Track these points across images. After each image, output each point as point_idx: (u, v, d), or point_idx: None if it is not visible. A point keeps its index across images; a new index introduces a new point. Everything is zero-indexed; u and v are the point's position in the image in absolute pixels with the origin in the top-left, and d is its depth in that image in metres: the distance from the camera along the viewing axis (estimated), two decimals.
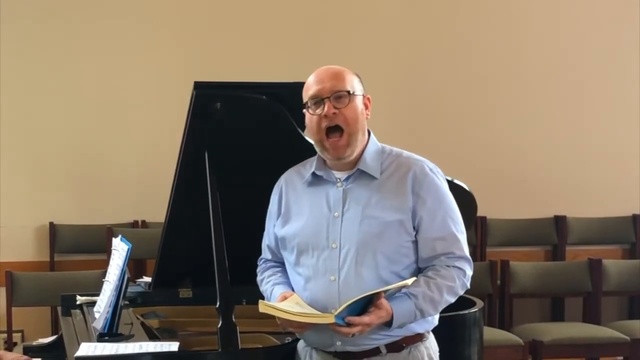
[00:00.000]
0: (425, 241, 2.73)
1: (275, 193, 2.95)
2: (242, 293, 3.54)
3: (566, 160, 6.74)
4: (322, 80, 2.75)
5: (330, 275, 2.72)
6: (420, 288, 2.66)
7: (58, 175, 6.19)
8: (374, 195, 2.74)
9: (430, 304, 2.68)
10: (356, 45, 6.44)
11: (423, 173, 2.76)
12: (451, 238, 2.75)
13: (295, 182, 2.90)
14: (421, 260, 2.74)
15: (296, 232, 2.82)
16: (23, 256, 6.09)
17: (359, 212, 2.73)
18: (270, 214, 2.96)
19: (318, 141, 2.77)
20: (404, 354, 2.74)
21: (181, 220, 3.53)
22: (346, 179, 2.79)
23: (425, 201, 2.73)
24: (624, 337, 5.30)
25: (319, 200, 2.80)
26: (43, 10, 6.16)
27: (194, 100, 3.26)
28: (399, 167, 2.78)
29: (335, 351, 2.74)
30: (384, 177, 2.77)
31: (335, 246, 2.73)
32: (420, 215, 2.72)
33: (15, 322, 5.21)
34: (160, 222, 4.10)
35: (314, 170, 2.83)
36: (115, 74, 6.22)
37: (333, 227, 2.75)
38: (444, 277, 2.70)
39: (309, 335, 2.78)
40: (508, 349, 5.16)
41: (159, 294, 3.74)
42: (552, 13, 6.76)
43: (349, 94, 2.73)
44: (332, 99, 2.72)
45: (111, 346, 2.90)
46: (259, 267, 3.04)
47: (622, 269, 5.80)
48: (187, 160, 3.39)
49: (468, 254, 2.79)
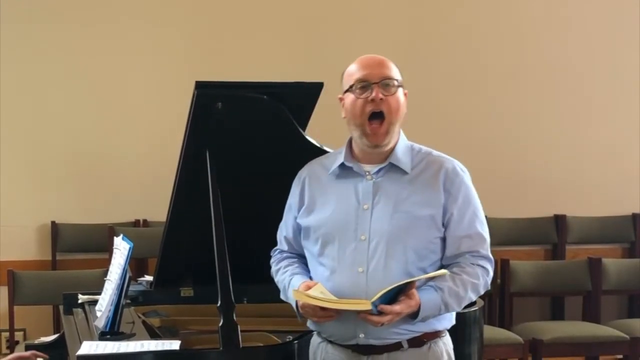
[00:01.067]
0: (453, 238, 2.75)
1: (297, 185, 2.93)
2: (243, 292, 3.55)
3: (566, 160, 6.74)
4: (371, 66, 2.76)
5: (358, 267, 2.71)
6: (447, 282, 2.68)
7: (60, 174, 6.20)
8: (405, 190, 2.75)
9: (455, 299, 2.69)
10: (357, 45, 6.43)
11: (454, 172, 2.79)
12: (477, 237, 2.77)
13: (319, 174, 2.89)
14: (446, 257, 2.76)
15: (322, 222, 2.81)
16: (25, 255, 6.11)
17: (390, 205, 2.73)
18: (290, 206, 2.95)
19: (359, 125, 2.76)
20: (424, 349, 2.75)
21: (182, 219, 3.53)
22: (376, 172, 2.79)
23: (456, 199, 2.75)
24: (623, 336, 5.30)
25: (346, 192, 2.80)
26: (44, 10, 6.17)
27: (195, 99, 3.25)
28: (430, 164, 2.80)
29: (357, 344, 2.73)
30: (415, 173, 2.78)
31: (364, 238, 2.73)
32: (451, 212, 2.74)
33: (17, 321, 5.23)
34: (161, 221, 4.12)
35: (343, 161, 2.82)
36: (116, 73, 6.23)
37: (362, 219, 2.75)
38: (469, 274, 2.72)
39: (329, 327, 2.76)
40: (508, 347, 5.17)
41: (160, 293, 3.74)
42: (552, 13, 6.76)
43: (396, 84, 2.75)
44: (380, 85, 2.73)
45: (113, 345, 2.90)
46: (273, 257, 3.02)
47: (622, 268, 5.81)
48: (189, 160, 3.39)
49: (490, 254, 2.81)
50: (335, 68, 6.33)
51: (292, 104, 3.40)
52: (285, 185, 3.30)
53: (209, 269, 3.09)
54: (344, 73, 2.84)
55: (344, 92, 2.81)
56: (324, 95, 3.50)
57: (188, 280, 3.75)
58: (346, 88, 2.79)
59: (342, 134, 3.10)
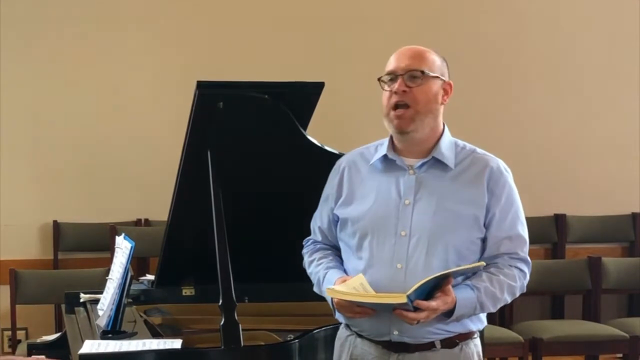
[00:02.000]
0: (494, 239, 2.70)
1: (335, 175, 2.87)
2: (244, 291, 3.54)
3: (566, 159, 6.75)
4: (400, 58, 2.74)
5: (397, 263, 2.66)
6: (484, 282, 2.63)
7: (62, 174, 6.20)
8: (448, 187, 2.70)
9: (491, 300, 2.65)
10: (359, 45, 6.45)
11: (499, 171, 2.74)
12: (517, 239, 2.73)
13: (359, 165, 2.83)
14: (484, 258, 2.70)
15: (361, 215, 2.75)
16: (27, 254, 6.11)
17: (433, 202, 2.68)
18: (327, 197, 2.88)
19: (386, 115, 2.73)
20: (456, 350, 2.70)
21: (184, 218, 3.53)
22: (419, 167, 2.73)
23: (499, 199, 2.70)
24: (623, 335, 5.30)
25: (387, 186, 2.74)
26: (46, 9, 6.17)
27: (197, 99, 3.25)
28: (475, 162, 2.75)
29: (390, 340, 2.68)
30: (459, 170, 2.73)
31: (405, 234, 2.67)
32: (493, 212, 2.69)
33: (19, 320, 5.22)
34: (163, 221, 4.13)
35: (385, 154, 2.76)
36: (118, 72, 6.24)
37: (403, 214, 2.69)
38: (506, 276, 2.68)
39: (362, 321, 2.71)
40: (508, 346, 5.17)
41: (162, 292, 3.74)
42: (552, 12, 6.77)
43: (422, 74, 2.70)
44: (406, 77, 2.70)
45: (114, 343, 2.91)
46: (306, 248, 2.97)
47: (622, 267, 5.80)
48: (190, 159, 3.39)
49: (529, 257, 2.77)
50: (336, 68, 6.38)
51: (294, 103, 3.40)
52: (286, 184, 3.33)
53: (211, 268, 3.09)
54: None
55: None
56: (325, 95, 3.51)
57: (189, 279, 3.74)
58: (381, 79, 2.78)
59: (343, 133, 3.12)
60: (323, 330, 3.13)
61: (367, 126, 4.07)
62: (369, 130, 3.57)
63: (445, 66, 2.80)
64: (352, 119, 6.19)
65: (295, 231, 3.03)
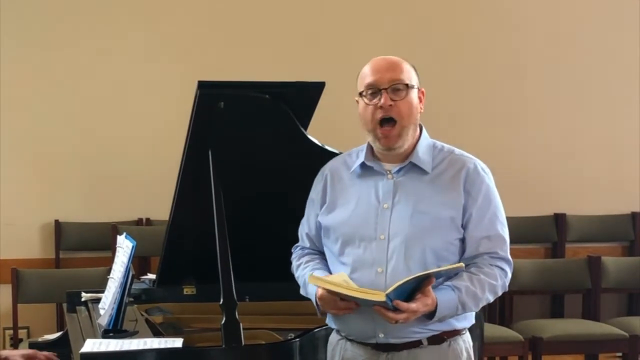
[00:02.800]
0: (472, 239, 2.71)
1: (319, 182, 2.91)
2: (245, 290, 3.53)
3: (566, 159, 6.74)
4: (380, 70, 2.73)
5: (378, 267, 2.68)
6: (464, 282, 2.65)
7: (63, 173, 6.21)
8: (425, 190, 2.72)
9: (473, 299, 2.66)
10: (359, 45, 6.44)
11: (476, 172, 2.76)
12: (496, 238, 2.74)
13: (341, 172, 2.86)
14: (464, 258, 2.72)
15: (342, 221, 2.78)
16: (29, 253, 6.11)
17: (410, 205, 2.70)
18: (313, 203, 2.92)
19: (371, 130, 2.74)
20: (444, 346, 2.72)
21: (185, 218, 3.54)
22: (397, 172, 2.76)
23: (475, 200, 2.72)
24: (622, 334, 5.31)
25: (367, 191, 2.77)
26: (48, 8, 6.17)
27: (198, 99, 3.26)
28: (452, 163, 2.77)
29: (377, 343, 2.71)
30: (436, 173, 2.75)
31: (384, 237, 2.70)
32: (470, 212, 2.71)
33: (21, 319, 5.23)
34: (164, 220, 4.13)
35: (363, 161, 2.80)
36: (120, 72, 6.23)
37: (382, 218, 2.72)
38: (487, 275, 2.68)
39: (348, 324, 2.75)
40: (508, 345, 5.18)
41: (163, 291, 3.75)
42: (551, 12, 6.77)
43: (406, 87, 2.72)
44: (389, 90, 2.70)
45: (116, 342, 2.91)
46: (294, 254, 3.00)
47: (621, 266, 5.81)
48: (191, 159, 3.40)
49: (509, 256, 2.78)
50: (336, 68, 6.38)
51: (294, 103, 3.41)
52: (286, 183, 3.33)
53: (212, 267, 3.10)
54: (359, 74, 2.82)
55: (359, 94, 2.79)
56: (325, 95, 3.52)
57: (190, 279, 3.75)
58: (359, 92, 2.78)
59: (344, 133, 3.13)
60: (324, 329, 3.12)
61: None
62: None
63: (416, 74, 2.81)
64: (353, 118, 6.17)
65: (295, 230, 3.03)
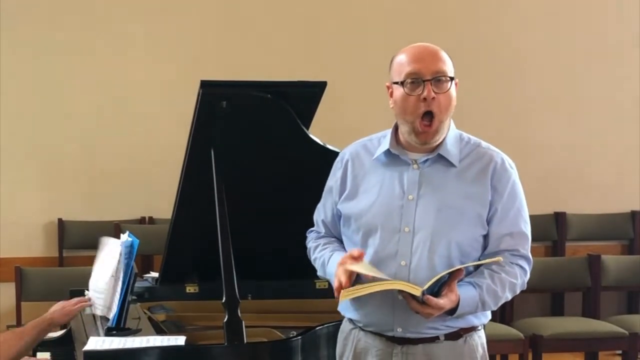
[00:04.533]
0: (495, 235, 2.65)
1: (339, 168, 2.80)
2: (247, 288, 3.56)
3: (566, 157, 6.76)
4: (423, 59, 2.61)
5: (402, 260, 2.61)
6: (486, 280, 2.60)
7: (67, 172, 6.23)
8: (452, 183, 2.64)
9: (493, 298, 2.61)
10: (361, 45, 6.47)
11: (503, 167, 2.68)
12: (519, 236, 2.69)
13: (363, 158, 2.76)
14: (485, 255, 2.66)
15: (363, 210, 2.69)
16: (32, 252, 6.14)
17: (437, 198, 2.63)
18: (331, 189, 2.82)
19: (410, 122, 2.62)
20: (460, 342, 2.67)
21: (188, 216, 3.55)
22: (423, 162, 2.67)
23: (501, 196, 2.65)
24: (622, 332, 5.32)
25: (390, 180, 2.68)
26: (51, 7, 6.19)
27: (201, 98, 3.26)
28: (479, 157, 2.69)
29: (393, 336, 2.66)
30: (463, 166, 2.67)
31: (408, 230, 2.62)
32: (495, 208, 2.64)
33: (25, 317, 5.21)
34: (167, 219, 4.13)
35: (388, 148, 2.69)
36: (122, 72, 6.26)
37: (407, 210, 2.63)
38: (507, 273, 2.64)
39: (366, 315, 2.68)
40: (509, 343, 5.18)
41: (165, 289, 3.74)
42: (551, 11, 6.79)
43: (450, 79, 2.62)
44: (433, 81, 2.59)
45: (119, 340, 2.92)
46: (309, 237, 2.93)
47: (621, 265, 5.83)
48: (194, 157, 3.40)
49: (530, 254, 2.74)
50: (338, 67, 6.40)
51: (296, 102, 3.41)
52: (288, 182, 3.34)
53: (214, 266, 3.10)
54: (393, 59, 2.69)
55: (393, 82, 2.66)
56: (327, 94, 3.54)
57: (193, 277, 3.76)
58: (395, 79, 2.64)
59: (345, 132, 3.14)
60: (325, 327, 3.14)
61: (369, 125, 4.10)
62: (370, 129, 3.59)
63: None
64: (354, 117, 6.21)
65: (297, 229, 3.03)
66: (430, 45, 2.69)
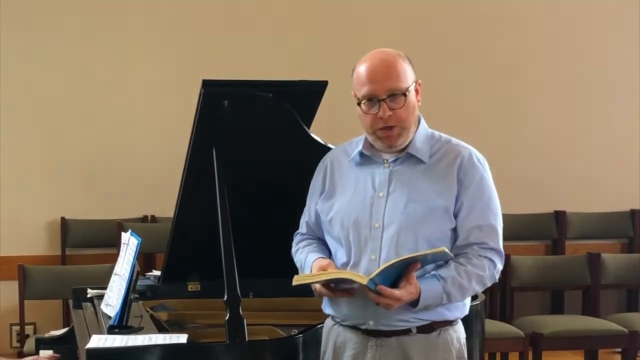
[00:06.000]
0: (462, 228, 2.71)
1: (320, 171, 2.93)
2: (249, 286, 3.55)
3: (566, 156, 6.77)
4: (376, 79, 2.69)
5: (371, 254, 2.71)
6: (450, 272, 2.66)
7: (69, 171, 6.23)
8: (420, 179, 2.73)
9: (458, 290, 2.66)
10: (362, 44, 6.41)
11: (470, 161, 2.75)
12: (487, 229, 2.74)
13: (342, 160, 2.88)
14: (455, 247, 2.72)
15: (340, 209, 2.80)
16: (35, 250, 6.15)
17: (405, 194, 2.72)
18: (313, 192, 2.95)
19: (371, 133, 2.75)
20: (434, 335, 2.73)
21: (190, 215, 3.55)
22: (394, 161, 2.77)
23: (467, 189, 2.71)
24: (622, 330, 5.34)
25: (364, 179, 2.79)
26: (52, 7, 6.20)
27: (202, 98, 3.26)
28: (448, 152, 2.76)
29: (366, 329, 2.74)
30: (432, 162, 2.75)
31: (378, 226, 2.72)
32: (461, 201, 2.71)
33: (28, 315, 5.28)
34: (169, 217, 4.15)
35: (361, 150, 2.81)
36: (125, 71, 6.27)
37: (377, 206, 2.74)
38: (474, 266, 2.69)
39: (341, 309, 2.78)
40: (509, 340, 5.21)
41: (168, 288, 3.75)
42: (551, 10, 6.79)
43: (404, 95, 2.70)
44: (387, 100, 2.68)
45: (121, 338, 2.92)
46: (295, 239, 3.04)
47: (621, 263, 5.85)
48: (195, 157, 3.41)
49: (501, 247, 2.77)
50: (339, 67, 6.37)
51: (297, 102, 3.41)
52: (289, 181, 3.35)
53: (216, 264, 3.11)
54: (354, 68, 2.78)
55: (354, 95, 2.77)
56: (328, 93, 3.55)
57: (195, 275, 3.76)
58: (355, 93, 2.76)
59: (346, 131, 3.15)
60: None
61: None
62: None
63: (411, 67, 2.78)
64: (355, 117, 6.22)
65: (298, 227, 3.05)
66: (387, 56, 2.75)
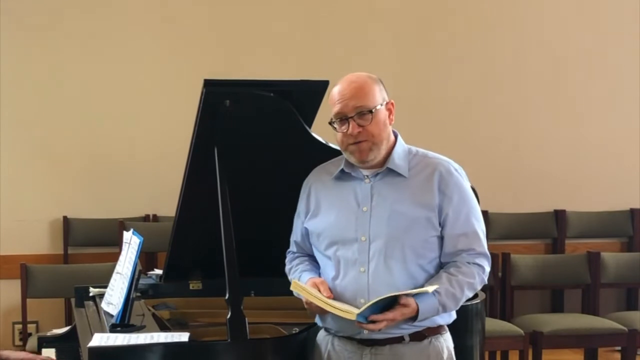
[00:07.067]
0: (449, 237, 2.83)
1: (304, 191, 3.03)
2: (250, 285, 3.63)
3: (566, 156, 6.78)
4: (344, 98, 2.82)
5: (360, 267, 2.81)
6: (444, 285, 2.75)
7: (72, 170, 6.25)
8: (401, 192, 2.83)
9: (452, 300, 2.78)
10: (362, 44, 6.49)
11: (449, 172, 2.85)
12: (473, 235, 2.85)
13: (324, 179, 2.98)
14: (444, 255, 2.84)
15: (326, 226, 2.90)
16: (38, 249, 6.16)
17: (388, 207, 2.82)
18: (299, 212, 3.05)
19: (343, 150, 2.87)
20: (425, 343, 2.83)
21: (191, 214, 3.55)
22: (374, 176, 2.87)
23: (451, 199, 2.82)
24: (621, 328, 5.36)
25: (347, 195, 2.89)
26: (52, 7, 6.22)
27: (204, 97, 3.25)
28: (426, 166, 2.87)
29: (361, 338, 2.83)
30: (411, 175, 2.85)
31: (365, 239, 2.82)
32: (446, 212, 2.81)
33: (30, 314, 5.28)
34: (171, 216, 4.16)
35: (342, 167, 2.91)
36: (127, 70, 6.28)
37: (362, 221, 2.84)
38: (464, 274, 2.80)
39: (337, 322, 2.84)
40: (509, 339, 5.23)
41: (169, 286, 3.76)
42: (551, 10, 6.80)
43: (371, 112, 2.80)
44: (355, 117, 2.79)
45: (123, 336, 2.92)
46: (287, 258, 3.12)
47: (620, 262, 5.86)
48: (197, 156, 3.40)
49: (487, 250, 2.90)
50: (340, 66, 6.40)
51: (299, 101, 3.41)
52: (291, 180, 3.35)
53: (217, 263, 3.12)
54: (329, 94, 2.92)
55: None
56: (329, 92, 3.56)
57: (197, 274, 3.78)
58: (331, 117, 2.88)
59: None
60: None
61: None
62: None
63: (382, 86, 2.89)
64: None
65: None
66: (357, 78, 2.86)
